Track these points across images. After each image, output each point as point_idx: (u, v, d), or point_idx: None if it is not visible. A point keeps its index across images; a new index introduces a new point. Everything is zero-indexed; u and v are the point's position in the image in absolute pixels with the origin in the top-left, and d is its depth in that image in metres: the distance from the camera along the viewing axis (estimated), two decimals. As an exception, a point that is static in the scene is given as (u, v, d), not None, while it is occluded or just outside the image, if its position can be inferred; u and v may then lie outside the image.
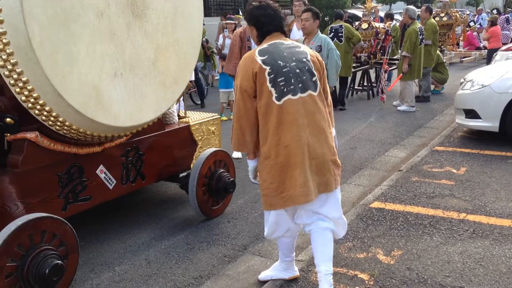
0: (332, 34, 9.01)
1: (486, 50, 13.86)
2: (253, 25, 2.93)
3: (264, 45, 2.84)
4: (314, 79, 2.82)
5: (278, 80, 2.71)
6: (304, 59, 2.83)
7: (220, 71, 9.33)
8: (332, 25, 9.33)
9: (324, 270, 2.83)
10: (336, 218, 2.90)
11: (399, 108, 8.97)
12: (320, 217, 2.87)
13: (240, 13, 11.54)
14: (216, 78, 11.96)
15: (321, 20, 5.93)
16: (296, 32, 7.31)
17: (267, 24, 2.88)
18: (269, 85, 2.70)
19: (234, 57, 5.99)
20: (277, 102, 2.70)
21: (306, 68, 2.81)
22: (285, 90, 2.71)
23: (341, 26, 9.11)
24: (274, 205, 2.78)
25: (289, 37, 7.81)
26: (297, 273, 3.23)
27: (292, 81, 2.73)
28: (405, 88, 8.89)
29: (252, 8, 2.93)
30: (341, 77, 8.95)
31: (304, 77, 2.77)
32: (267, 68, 2.71)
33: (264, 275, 3.27)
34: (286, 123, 2.70)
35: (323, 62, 2.97)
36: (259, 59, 2.74)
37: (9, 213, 3.05)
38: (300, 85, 2.75)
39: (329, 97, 2.97)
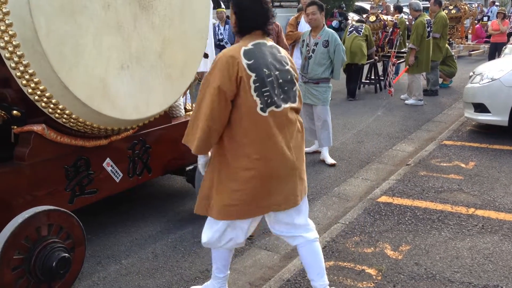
0: (352, 28, 9.63)
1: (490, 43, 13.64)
2: (235, 14, 2.64)
3: (249, 45, 2.57)
4: (294, 88, 2.66)
5: (263, 90, 2.50)
6: (286, 67, 2.64)
7: None
8: (353, 23, 10.01)
9: (320, 285, 2.78)
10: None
11: (406, 101, 8.91)
12: (305, 228, 2.76)
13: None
14: None
15: (326, 12, 5.88)
16: (304, 25, 7.26)
17: (251, 21, 2.61)
18: (254, 94, 2.48)
19: None
20: (262, 114, 2.50)
21: (289, 77, 2.63)
22: (269, 101, 2.52)
23: (361, 25, 9.66)
24: (246, 214, 2.62)
25: (297, 30, 7.71)
26: None
27: (276, 92, 2.55)
28: (412, 82, 8.82)
29: None
30: (355, 66, 9.38)
31: (286, 88, 2.60)
32: (253, 75, 2.48)
33: None
34: (271, 136, 2.52)
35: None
36: (244, 62, 2.49)
37: (16, 205, 3.05)
38: (282, 96, 2.57)
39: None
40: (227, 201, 2.59)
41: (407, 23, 11.26)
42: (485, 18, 16.71)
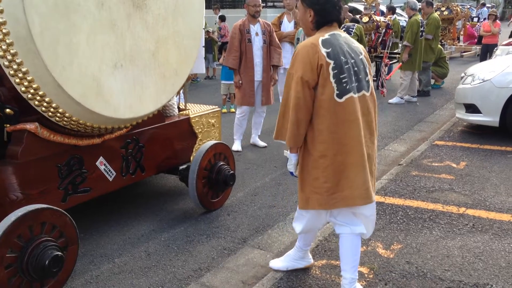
0: (343, 28, 9.54)
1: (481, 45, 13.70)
2: (313, 9, 2.70)
3: (326, 35, 2.66)
4: (367, 78, 2.72)
5: (341, 76, 2.59)
6: (360, 56, 2.73)
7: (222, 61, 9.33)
8: (346, 24, 9.84)
9: (350, 278, 2.81)
10: (369, 215, 2.80)
11: (390, 101, 8.97)
12: (354, 221, 2.79)
13: None
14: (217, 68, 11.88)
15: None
16: (287, 24, 8.02)
17: (331, 14, 2.70)
18: (332, 80, 2.57)
19: (233, 49, 5.97)
20: (338, 100, 2.58)
21: (362, 67, 2.70)
22: (347, 87, 2.59)
23: (354, 24, 9.58)
24: (325, 205, 2.69)
25: (279, 29, 8.14)
26: (312, 261, 3.22)
27: (353, 78, 2.63)
28: (404, 80, 8.91)
29: None
30: None
31: (360, 76, 2.67)
32: (331, 63, 2.58)
33: (276, 265, 3.23)
34: (347, 122, 2.59)
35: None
36: (323, 51, 2.58)
37: (9, 204, 3.04)
38: (356, 84, 2.65)
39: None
40: (314, 189, 2.69)
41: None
42: (475, 19, 16.84)
